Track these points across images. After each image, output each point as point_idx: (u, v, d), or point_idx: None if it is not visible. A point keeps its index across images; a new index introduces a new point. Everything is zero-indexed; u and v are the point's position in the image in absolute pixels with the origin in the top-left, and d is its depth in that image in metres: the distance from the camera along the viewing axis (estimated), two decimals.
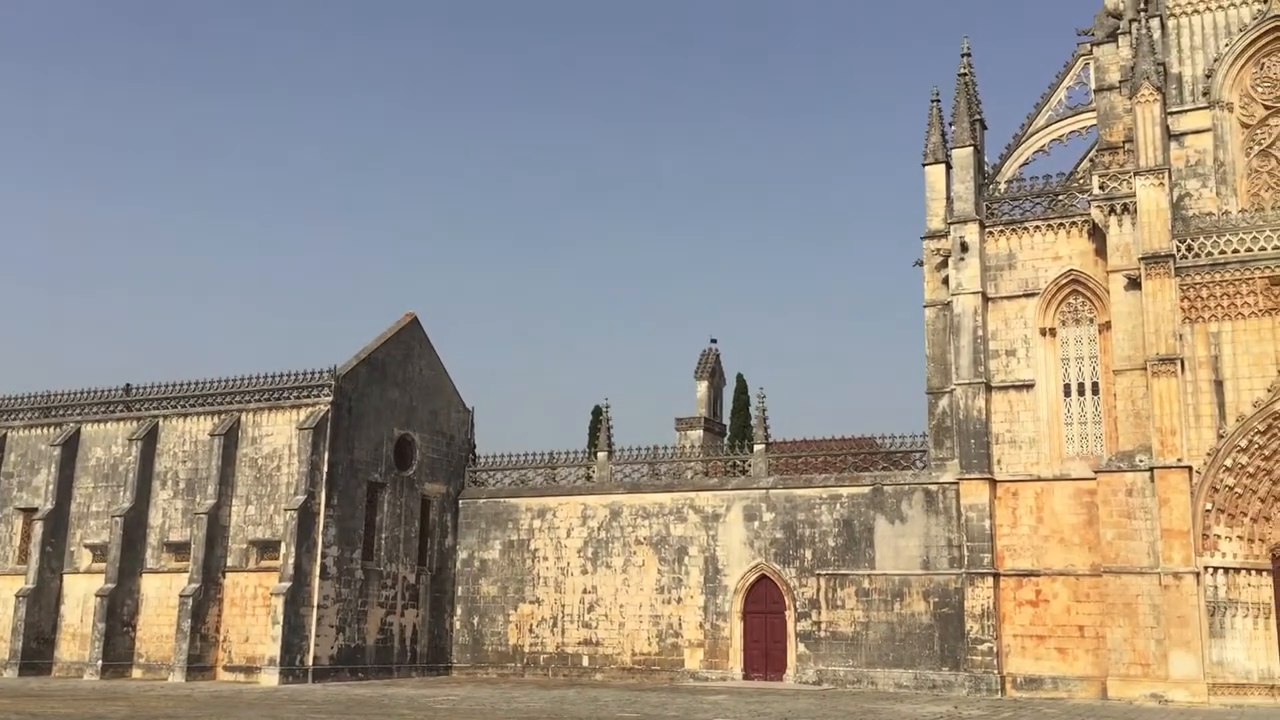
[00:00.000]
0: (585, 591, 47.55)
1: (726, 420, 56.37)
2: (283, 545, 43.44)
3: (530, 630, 48.16)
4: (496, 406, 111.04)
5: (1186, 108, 40.33)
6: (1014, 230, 42.60)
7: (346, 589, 44.64)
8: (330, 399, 44.78)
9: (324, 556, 43.67)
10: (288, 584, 42.54)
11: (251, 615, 44.53)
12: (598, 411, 54.71)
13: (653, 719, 28.11)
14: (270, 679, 41.48)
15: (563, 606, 47.81)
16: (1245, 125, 39.97)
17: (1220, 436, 36.90)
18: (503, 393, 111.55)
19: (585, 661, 46.88)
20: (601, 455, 49.17)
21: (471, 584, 49.59)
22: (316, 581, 43.31)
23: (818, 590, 43.55)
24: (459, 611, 49.50)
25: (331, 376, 45.06)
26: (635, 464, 48.75)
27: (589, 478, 49.27)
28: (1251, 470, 37.01)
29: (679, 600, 45.85)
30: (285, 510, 43.89)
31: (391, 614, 46.63)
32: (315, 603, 43.17)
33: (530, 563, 48.74)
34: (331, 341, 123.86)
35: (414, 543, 48.23)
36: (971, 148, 43.37)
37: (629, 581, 46.85)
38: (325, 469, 44.23)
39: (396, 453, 47.87)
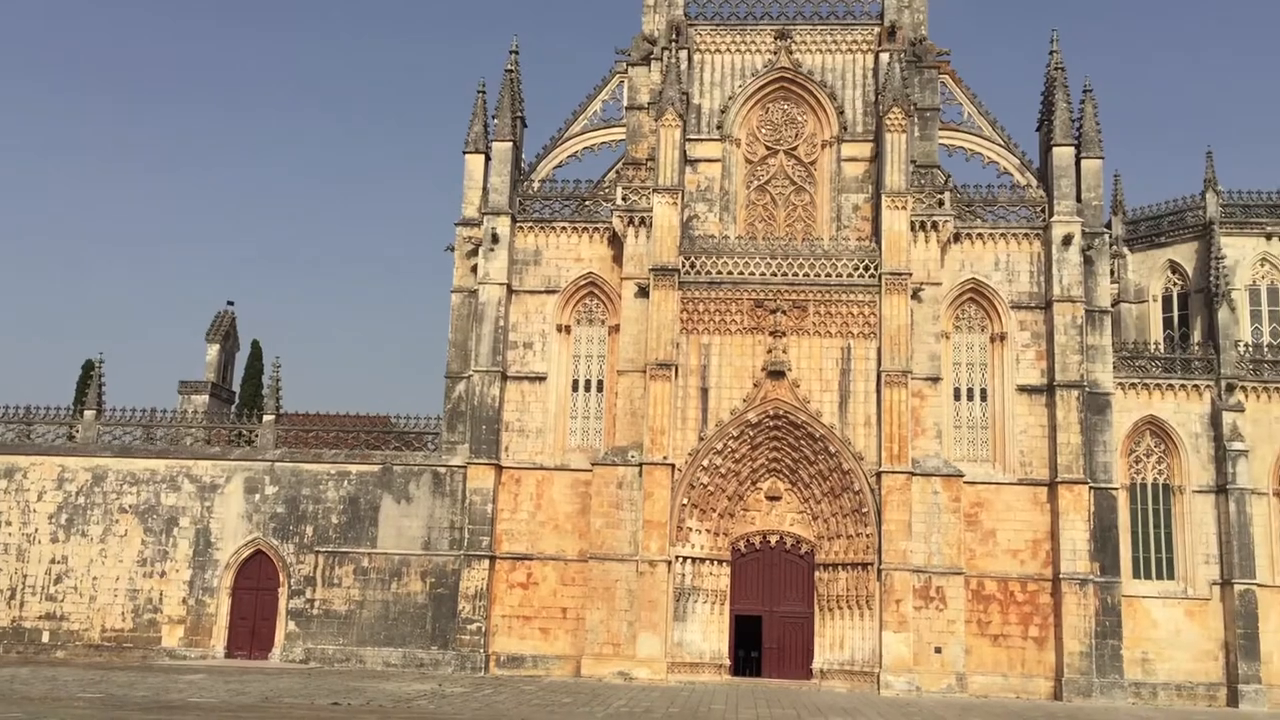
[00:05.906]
0: (54, 561, 43.14)
1: (238, 388, 53.76)
2: None
3: None
4: None
5: (703, 137, 44.13)
6: (543, 228, 44.32)
7: None
8: None
9: None
10: None
11: None
12: (90, 366, 49.87)
13: (118, 701, 26.08)
14: None
15: (25, 577, 43.05)
16: (749, 161, 44.40)
17: (701, 439, 40.68)
18: None
19: (45, 638, 42.53)
20: (89, 414, 44.88)
21: None
22: None
23: (315, 568, 42.66)
24: None
25: None
26: (128, 426, 45.02)
27: (72, 438, 44.79)
28: (724, 471, 41.14)
29: (163, 574, 42.92)
30: None
31: None
32: None
33: None
34: None
35: None
36: (511, 143, 44.59)
37: (107, 552, 43.14)
38: None
39: None
